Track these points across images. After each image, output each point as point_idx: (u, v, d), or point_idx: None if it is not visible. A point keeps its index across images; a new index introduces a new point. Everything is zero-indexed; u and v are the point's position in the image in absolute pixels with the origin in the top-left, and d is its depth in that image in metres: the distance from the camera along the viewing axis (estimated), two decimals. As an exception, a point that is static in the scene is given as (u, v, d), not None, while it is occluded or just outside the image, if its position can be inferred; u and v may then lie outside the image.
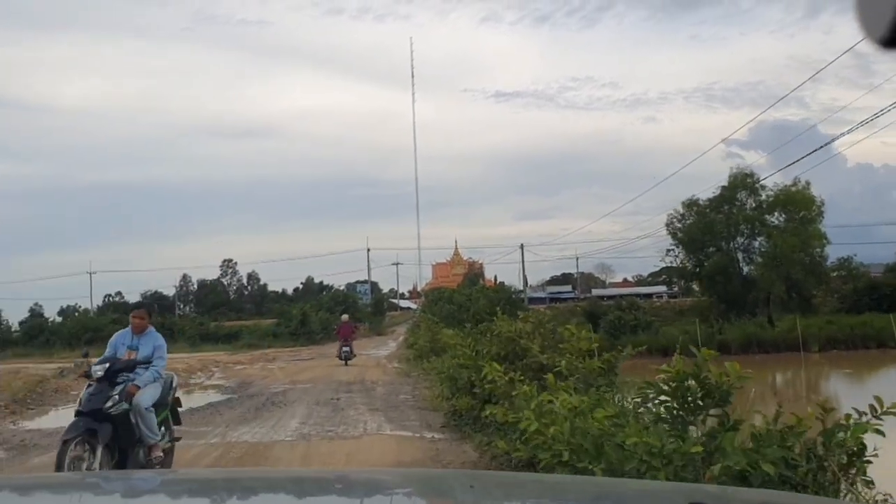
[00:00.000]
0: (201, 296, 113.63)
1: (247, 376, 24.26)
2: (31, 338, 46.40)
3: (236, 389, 19.96)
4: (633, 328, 42.58)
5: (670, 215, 48.40)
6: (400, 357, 30.36)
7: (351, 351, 28.01)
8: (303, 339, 43.76)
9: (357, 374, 23.80)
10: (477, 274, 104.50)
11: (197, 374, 26.26)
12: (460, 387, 12.10)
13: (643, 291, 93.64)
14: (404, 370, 24.44)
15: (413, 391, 18.68)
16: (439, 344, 26.75)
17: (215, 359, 34.04)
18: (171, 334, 46.38)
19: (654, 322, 44.68)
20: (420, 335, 33.18)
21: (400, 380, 21.68)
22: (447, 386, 13.01)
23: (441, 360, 21.94)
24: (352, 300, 56.12)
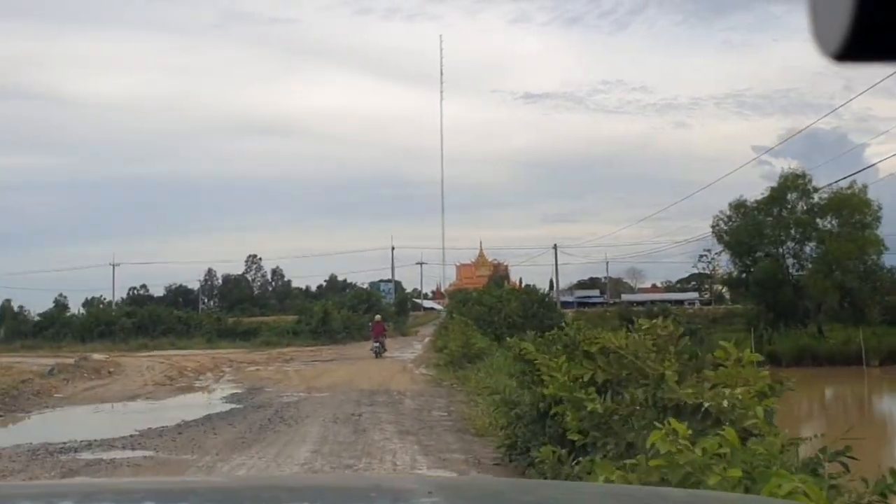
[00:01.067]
0: (225, 290, 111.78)
1: (259, 380, 21.36)
2: (42, 329, 43.95)
3: (243, 397, 17.01)
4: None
5: (716, 217, 45.07)
6: (427, 362, 27.33)
7: (382, 346, 31.25)
8: (323, 338, 40.89)
9: (381, 380, 20.83)
10: (502, 276, 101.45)
11: (205, 376, 23.42)
12: (523, 416, 9.11)
13: (675, 298, 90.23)
14: (434, 378, 21.41)
15: (448, 405, 15.67)
16: (473, 349, 23.78)
17: (230, 357, 31.25)
18: (187, 329, 43.86)
19: (699, 330, 41.32)
20: (450, 338, 30.14)
21: (430, 390, 18.66)
22: (502, 412, 9.93)
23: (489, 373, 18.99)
24: (375, 299, 53.12)
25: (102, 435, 11.78)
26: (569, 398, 5.98)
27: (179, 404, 16.53)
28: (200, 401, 17.01)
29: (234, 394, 17.78)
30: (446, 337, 35.36)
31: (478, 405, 15.09)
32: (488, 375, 19.28)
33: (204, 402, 16.44)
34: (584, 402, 5.80)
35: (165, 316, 44.17)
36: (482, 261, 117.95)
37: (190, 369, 25.45)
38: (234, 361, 29.12)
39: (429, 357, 29.80)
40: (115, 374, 23.16)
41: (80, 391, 18.43)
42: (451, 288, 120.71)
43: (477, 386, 17.84)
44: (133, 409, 15.82)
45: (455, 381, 19.85)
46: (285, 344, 39.56)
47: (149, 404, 16.66)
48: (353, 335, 43.54)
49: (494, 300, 40.76)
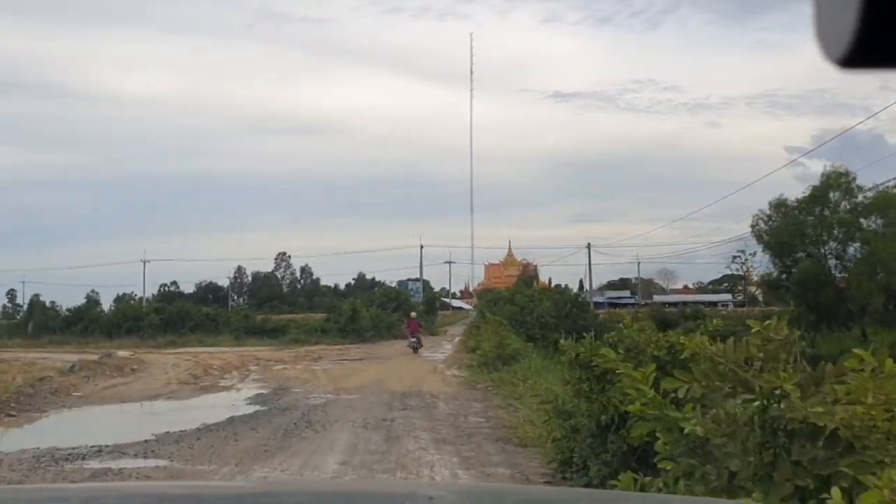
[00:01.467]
0: (255, 288, 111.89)
1: (285, 379, 20.42)
2: (70, 325, 43.49)
3: (268, 398, 16.04)
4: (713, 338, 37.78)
5: (755, 216, 43.53)
6: (459, 362, 26.25)
7: (419, 342, 32.60)
8: (352, 336, 39.97)
9: (413, 381, 19.81)
10: (531, 276, 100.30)
11: (231, 375, 22.53)
12: (581, 428, 8.06)
13: (707, 299, 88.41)
14: (468, 379, 20.33)
15: (485, 410, 14.58)
16: (507, 351, 22.67)
17: (257, 355, 30.41)
18: (215, 326, 43.18)
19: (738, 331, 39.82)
20: (483, 339, 29.06)
21: (465, 393, 17.59)
22: (556, 423, 8.84)
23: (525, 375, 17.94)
24: (404, 297, 52.14)
25: (116, 439, 10.86)
26: (659, 417, 4.85)
27: (202, 405, 15.62)
28: (224, 401, 16.06)
29: (259, 394, 16.83)
30: (478, 337, 34.27)
31: (517, 410, 14.05)
32: (527, 379, 18.21)
33: (227, 403, 15.49)
34: (678, 423, 4.68)
35: (193, 313, 43.54)
36: (511, 260, 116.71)
37: (215, 367, 24.62)
38: (261, 359, 28.25)
39: (460, 357, 28.74)
40: (139, 371, 22.37)
41: (101, 390, 17.60)
42: (480, 287, 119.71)
43: (514, 390, 16.79)
44: (153, 410, 14.94)
45: (490, 383, 18.77)
46: (313, 342, 38.69)
47: (170, 404, 15.77)
48: (381, 334, 42.60)
49: (526, 300, 39.61)
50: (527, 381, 17.97)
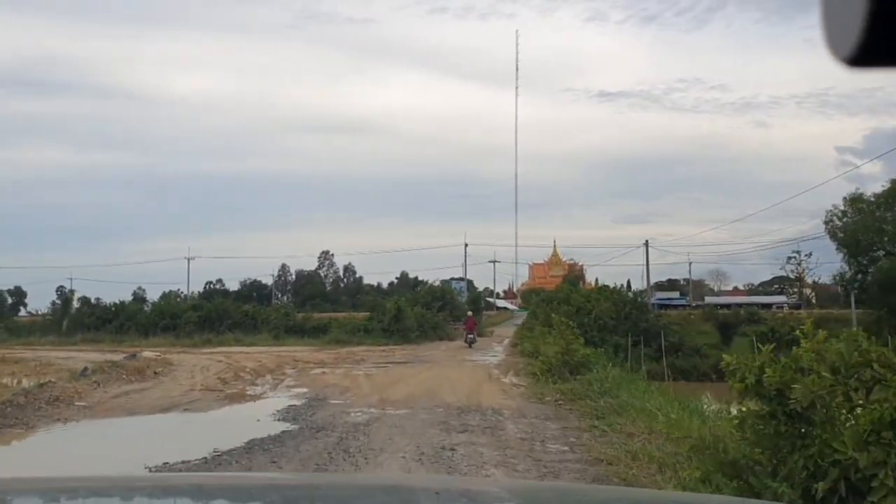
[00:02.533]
0: (298, 286, 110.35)
1: (323, 386, 17.65)
2: (106, 322, 41.39)
3: (301, 412, 13.22)
4: (789, 343, 34.20)
5: (829, 212, 39.90)
6: (514, 368, 23.25)
7: (475, 338, 34.70)
8: (396, 337, 37.22)
9: (468, 391, 16.94)
10: (577, 276, 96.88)
11: (264, 379, 19.85)
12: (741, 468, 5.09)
13: (761, 301, 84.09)
14: (531, 391, 17.33)
15: (564, 434, 11.58)
16: (575, 357, 19.64)
17: (295, 356, 27.78)
18: (254, 325, 40.75)
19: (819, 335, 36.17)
20: (541, 341, 26.06)
21: (532, 408, 14.60)
22: (720, 479, 5.85)
23: (598, 381, 15.03)
24: (449, 296, 49.22)
25: (98, 469, 8.15)
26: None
27: (221, 420, 12.90)
28: (248, 415, 13.31)
29: (290, 406, 14.02)
30: (531, 339, 31.25)
31: (605, 435, 11.09)
32: (605, 392, 15.21)
33: (251, 418, 12.71)
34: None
35: (232, 311, 41.14)
36: (555, 260, 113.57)
37: (248, 370, 22.00)
38: (298, 361, 25.59)
39: (514, 362, 25.75)
40: (162, 374, 19.80)
41: (109, 398, 14.99)
42: (524, 287, 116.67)
43: (593, 406, 13.82)
44: (161, 428, 12.21)
45: (559, 396, 15.78)
46: (356, 342, 36.02)
47: (184, 419, 13.05)
48: (427, 334, 39.79)
49: (583, 300, 36.49)
50: (604, 394, 15.04)
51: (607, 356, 20.91)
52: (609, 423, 12.00)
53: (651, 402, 13.23)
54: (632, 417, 12.16)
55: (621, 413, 12.83)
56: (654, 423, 11.33)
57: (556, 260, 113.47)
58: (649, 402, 13.21)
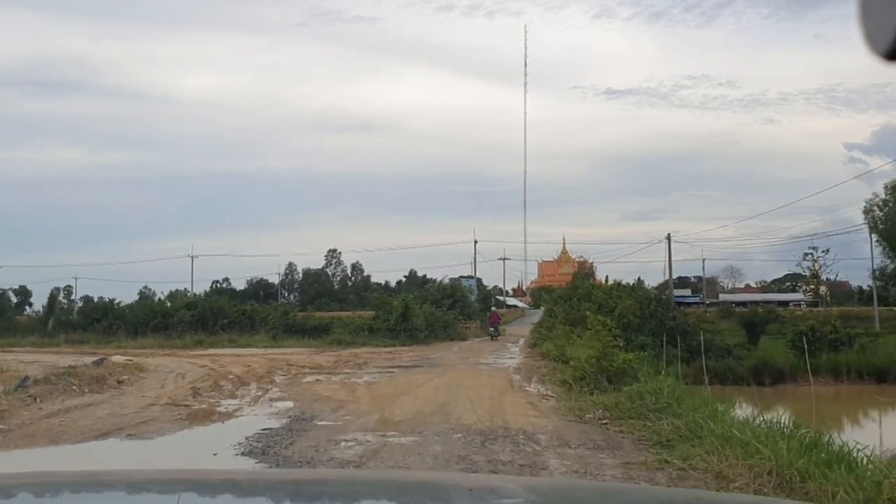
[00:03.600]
0: (305, 285, 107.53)
1: (314, 399, 14.32)
2: (93, 321, 38.12)
3: (275, 441, 9.81)
4: (833, 344, 30.76)
5: (869, 201, 36.45)
6: (537, 373, 19.90)
7: (497, 331, 36.52)
8: (403, 337, 33.89)
9: (489, 405, 13.64)
10: (587, 273, 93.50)
11: (246, 388, 16.55)
12: None
13: (778, 298, 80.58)
14: (565, 404, 13.97)
15: (627, 472, 8.26)
16: (615, 363, 16.29)
17: (290, 359, 24.49)
18: (251, 324, 37.45)
19: (859, 336, 32.69)
20: (571, 344, 22.74)
21: (573, 430, 11.23)
22: None
23: (668, 404, 11.77)
24: (460, 293, 45.85)
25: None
26: None
27: (165, 453, 9.56)
28: (205, 446, 9.96)
29: (265, 431, 10.64)
30: (554, 340, 27.89)
31: (684, 475, 7.82)
32: (662, 408, 11.87)
33: (207, 452, 9.37)
34: None
35: (228, 309, 37.77)
36: (565, 258, 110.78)
37: (233, 377, 18.72)
38: (293, 366, 22.28)
39: (535, 366, 22.38)
40: (126, 384, 16.51)
41: (41, 418, 11.66)
42: (534, 285, 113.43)
43: (653, 428, 10.53)
44: (78, 466, 8.85)
45: (603, 414, 12.43)
46: (359, 343, 32.68)
47: (117, 451, 9.68)
48: (436, 334, 36.44)
49: (604, 296, 33.07)
50: (661, 410, 11.71)
51: (651, 361, 17.54)
52: (684, 457, 8.72)
53: (735, 426, 9.84)
54: (714, 448, 8.83)
55: (695, 440, 9.51)
56: (753, 459, 8.00)
57: (565, 257, 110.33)
58: (734, 427, 9.82)
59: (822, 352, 29.65)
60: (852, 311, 69.91)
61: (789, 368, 28.90)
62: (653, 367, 16.55)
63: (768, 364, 29.24)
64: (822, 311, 67.68)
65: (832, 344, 30.56)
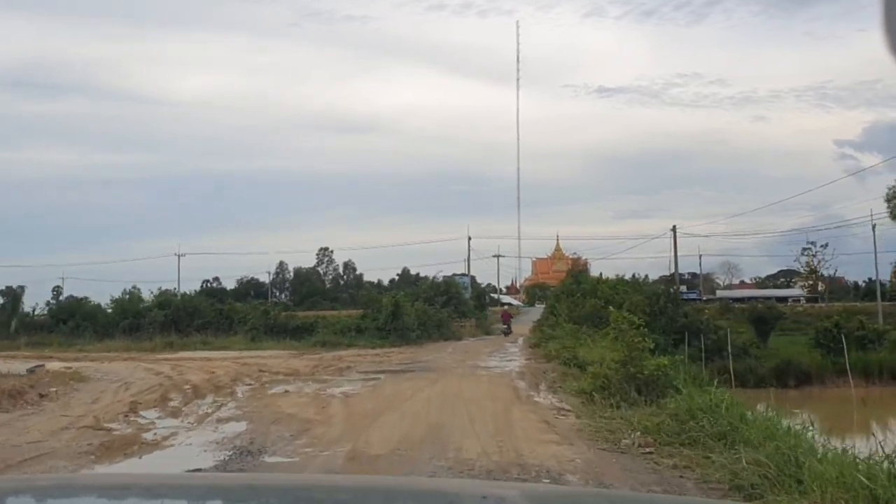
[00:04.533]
0: (297, 284, 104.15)
1: (273, 419, 11.19)
2: (60, 322, 34.76)
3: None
4: (860, 341, 27.77)
5: (891, 188, 33.48)
6: (549, 380, 16.82)
7: (509, 327, 36.16)
8: (393, 337, 30.77)
9: (495, 426, 10.56)
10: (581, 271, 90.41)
11: (196, 404, 13.39)
12: None
13: (777, 294, 77.70)
14: (591, 422, 10.88)
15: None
16: (646, 370, 13.25)
17: (264, 364, 21.37)
18: (229, 325, 34.25)
19: (890, 332, 29.73)
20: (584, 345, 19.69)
21: (612, 467, 8.13)
22: None
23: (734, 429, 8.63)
24: (455, 290, 42.66)
25: None
26: None
27: None
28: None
29: (188, 474, 7.51)
30: (560, 339, 24.80)
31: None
32: (724, 434, 8.81)
33: None
34: None
35: (204, 308, 34.43)
36: (559, 255, 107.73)
37: (188, 387, 15.59)
38: (265, 371, 19.17)
39: (541, 369, 19.31)
40: (51, 399, 13.35)
41: None
42: (527, 283, 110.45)
43: (728, 468, 7.49)
44: None
45: (644, 438, 9.34)
46: (345, 345, 29.52)
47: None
48: (429, 333, 33.31)
49: (611, 292, 29.99)
50: (724, 437, 8.67)
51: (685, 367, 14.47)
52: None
53: (845, 465, 6.78)
54: (830, 497, 5.85)
55: (791, 484, 6.52)
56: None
57: (559, 255, 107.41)
58: (842, 466, 6.74)
59: (849, 350, 26.67)
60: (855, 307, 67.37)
61: (815, 369, 25.90)
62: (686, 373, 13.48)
63: (792, 364, 26.24)
64: (823, 307, 64.86)
65: (859, 342, 27.58)
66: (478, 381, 16.78)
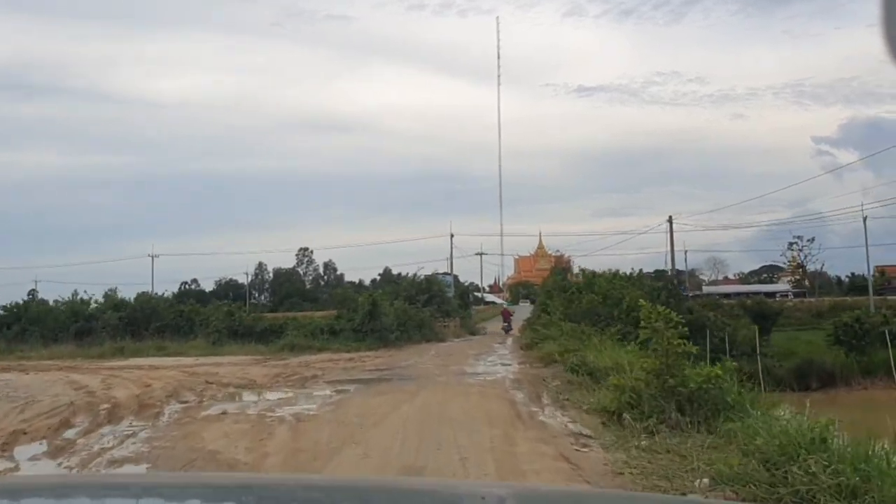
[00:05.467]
0: (276, 285, 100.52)
1: (189, 458, 7.86)
2: (4, 327, 30.76)
3: None
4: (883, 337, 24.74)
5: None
6: (553, 391, 13.56)
7: (510, 325, 35.60)
8: (370, 339, 27.45)
9: (498, 467, 7.26)
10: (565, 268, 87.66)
11: (95, 437, 9.99)
12: None
13: (764, 290, 75.12)
14: (625, 457, 7.61)
15: None
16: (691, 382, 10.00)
17: (218, 373, 18.03)
18: (190, 328, 30.70)
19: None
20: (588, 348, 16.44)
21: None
22: None
23: None
24: (437, 288, 39.32)
25: None
26: None
27: None
28: None
29: None
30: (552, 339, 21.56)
31: None
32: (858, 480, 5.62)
33: None
34: None
35: (163, 310, 30.80)
36: (541, 252, 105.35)
37: (107, 407, 12.20)
38: (215, 383, 15.78)
39: (538, 376, 16.08)
40: None
41: None
42: (510, 281, 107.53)
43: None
44: None
45: (722, 489, 6.09)
46: (317, 348, 26.11)
47: None
48: (409, 335, 29.99)
49: (608, 286, 26.83)
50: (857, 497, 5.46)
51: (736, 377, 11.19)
52: None
53: None
54: None
55: None
56: None
57: (541, 252, 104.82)
58: None
59: (873, 348, 23.69)
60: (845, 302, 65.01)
61: (839, 369, 22.84)
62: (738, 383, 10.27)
63: (814, 364, 23.16)
64: (814, 302, 62.44)
65: (882, 337, 24.56)
66: (466, 394, 13.49)
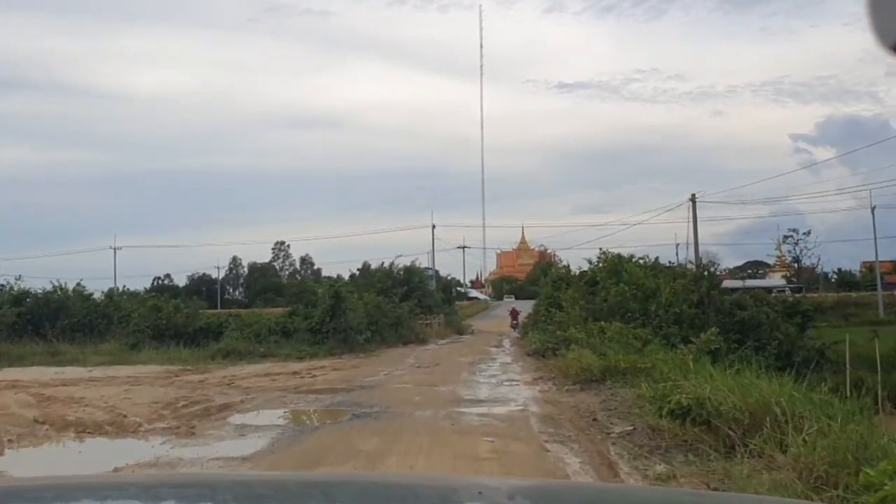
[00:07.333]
0: (251, 280, 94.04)
1: None
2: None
3: None
4: None
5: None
6: (630, 449, 7.01)
7: (518, 324, 32.05)
8: (333, 341, 20.82)
9: None
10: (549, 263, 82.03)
11: None
12: None
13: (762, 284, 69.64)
14: None
15: None
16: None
17: (72, 401, 11.26)
18: (107, 327, 23.78)
19: None
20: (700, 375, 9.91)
21: None
22: None
23: None
24: (417, 279, 32.61)
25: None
26: None
27: None
28: None
29: None
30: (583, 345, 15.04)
31: None
32: None
33: None
34: None
35: (74, 305, 23.78)
36: (524, 247, 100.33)
37: None
38: (45, 423, 9.13)
39: (582, 409, 9.62)
40: None
41: None
42: (492, 276, 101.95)
43: None
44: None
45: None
46: (260, 354, 19.35)
47: None
48: (383, 335, 23.38)
49: (642, 277, 20.23)
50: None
51: None
52: None
53: None
54: None
55: None
56: None
57: (524, 247, 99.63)
58: None
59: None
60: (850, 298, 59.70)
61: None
62: None
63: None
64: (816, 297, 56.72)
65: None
66: (472, 458, 6.90)
